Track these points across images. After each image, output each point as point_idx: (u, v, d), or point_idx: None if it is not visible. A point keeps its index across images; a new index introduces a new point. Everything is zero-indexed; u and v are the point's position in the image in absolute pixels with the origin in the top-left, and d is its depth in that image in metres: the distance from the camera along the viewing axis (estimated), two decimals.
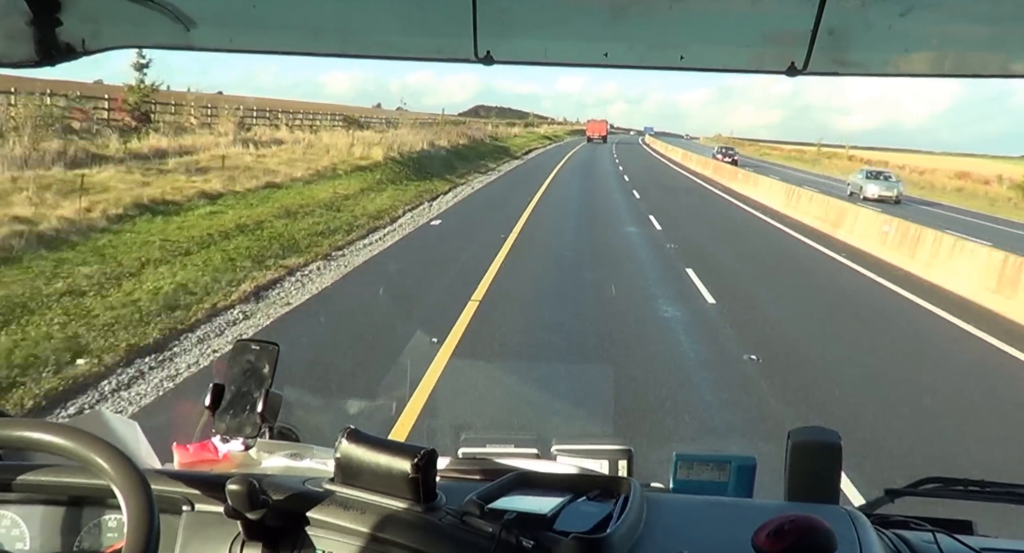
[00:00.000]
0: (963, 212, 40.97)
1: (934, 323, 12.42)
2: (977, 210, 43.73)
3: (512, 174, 39.13)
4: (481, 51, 1.30)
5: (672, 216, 23.44)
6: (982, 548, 1.54)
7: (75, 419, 1.64)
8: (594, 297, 12.08)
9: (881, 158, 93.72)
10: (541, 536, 1.31)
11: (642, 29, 1.29)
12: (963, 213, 40.19)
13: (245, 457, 1.77)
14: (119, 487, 1.22)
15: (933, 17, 1.23)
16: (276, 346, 1.77)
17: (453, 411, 6.84)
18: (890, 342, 11.04)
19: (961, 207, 45.13)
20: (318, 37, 1.36)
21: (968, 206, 46.30)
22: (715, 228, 22.53)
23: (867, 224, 20.46)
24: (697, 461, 1.84)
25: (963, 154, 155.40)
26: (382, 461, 1.38)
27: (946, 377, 9.46)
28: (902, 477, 2.03)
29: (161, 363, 8.02)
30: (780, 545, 1.33)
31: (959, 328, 12.06)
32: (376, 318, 10.12)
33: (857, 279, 15.80)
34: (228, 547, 1.42)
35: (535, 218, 20.66)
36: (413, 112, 76.30)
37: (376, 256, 14.49)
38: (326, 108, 64.06)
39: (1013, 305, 13.10)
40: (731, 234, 21.31)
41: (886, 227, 19.06)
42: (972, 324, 12.24)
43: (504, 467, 1.68)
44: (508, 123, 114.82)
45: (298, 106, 54.47)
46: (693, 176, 46.77)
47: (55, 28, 1.33)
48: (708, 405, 7.50)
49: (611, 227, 20.68)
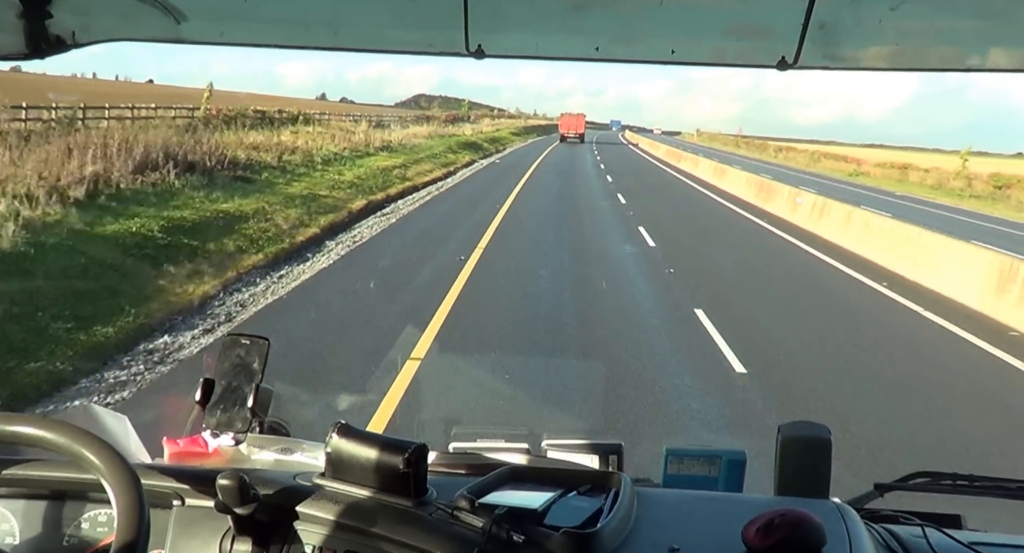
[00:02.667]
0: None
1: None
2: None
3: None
4: (472, 45, 1.30)
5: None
6: (970, 542, 1.54)
7: (64, 413, 1.63)
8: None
9: (840, 152, 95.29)
10: (532, 531, 1.31)
11: (633, 23, 1.29)
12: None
13: (235, 452, 1.77)
14: (109, 482, 1.22)
15: (923, 12, 1.23)
16: (267, 341, 1.77)
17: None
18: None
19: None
20: (309, 30, 1.35)
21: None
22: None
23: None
24: (687, 456, 1.84)
25: (921, 149, 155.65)
26: (373, 456, 1.38)
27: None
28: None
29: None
30: (770, 539, 1.34)
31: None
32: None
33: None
34: (218, 541, 1.42)
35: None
36: (359, 105, 69.68)
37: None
38: (271, 102, 49.60)
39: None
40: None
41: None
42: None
43: (495, 462, 1.68)
44: (418, 118, 67.94)
45: (232, 99, 41.02)
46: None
47: (45, 21, 1.33)
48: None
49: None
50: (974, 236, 22.49)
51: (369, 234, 16.82)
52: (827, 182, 51.38)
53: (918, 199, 45.82)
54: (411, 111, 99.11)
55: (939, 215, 34.29)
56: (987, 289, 13.03)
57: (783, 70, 1.28)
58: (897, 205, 37.22)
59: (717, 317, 10.67)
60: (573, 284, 12.66)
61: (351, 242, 15.67)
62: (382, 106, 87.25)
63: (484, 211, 20.74)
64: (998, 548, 1.54)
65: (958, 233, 21.33)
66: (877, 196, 43.04)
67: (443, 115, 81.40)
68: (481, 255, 14.42)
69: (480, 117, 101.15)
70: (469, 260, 13.76)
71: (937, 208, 40.02)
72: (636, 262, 15.30)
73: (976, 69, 1.27)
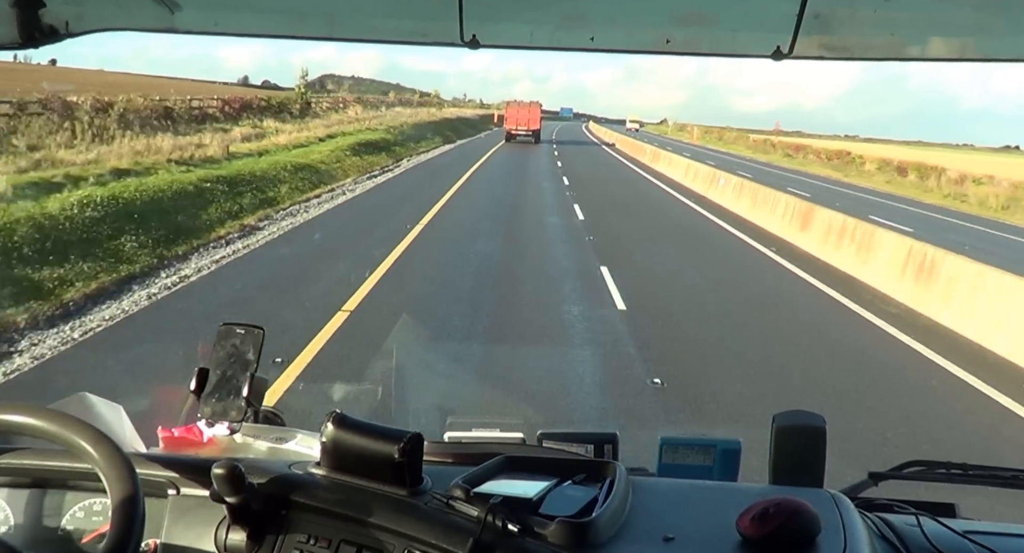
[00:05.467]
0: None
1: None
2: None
3: None
4: (467, 35, 1.29)
5: None
6: (965, 531, 1.55)
7: (60, 403, 1.63)
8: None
9: (787, 142, 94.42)
10: (527, 520, 1.32)
11: (628, 13, 1.28)
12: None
13: (230, 441, 1.77)
14: (104, 471, 1.22)
15: (918, 2, 1.23)
16: (261, 330, 1.77)
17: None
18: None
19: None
20: (304, 20, 1.35)
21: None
22: None
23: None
24: (682, 445, 1.85)
25: (862, 139, 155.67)
26: (368, 446, 1.38)
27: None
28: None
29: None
30: (765, 528, 1.34)
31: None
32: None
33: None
34: (213, 531, 1.42)
35: None
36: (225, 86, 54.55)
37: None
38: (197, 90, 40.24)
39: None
40: None
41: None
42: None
43: (490, 451, 1.68)
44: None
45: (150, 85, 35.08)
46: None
47: (39, 10, 1.32)
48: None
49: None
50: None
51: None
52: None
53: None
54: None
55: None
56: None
57: (778, 60, 1.28)
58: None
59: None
60: None
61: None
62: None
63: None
64: (992, 536, 1.55)
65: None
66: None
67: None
68: None
69: (348, 104, 58.20)
70: None
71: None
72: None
73: (971, 59, 1.27)
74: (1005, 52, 1.26)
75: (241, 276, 11.57)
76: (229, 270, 11.90)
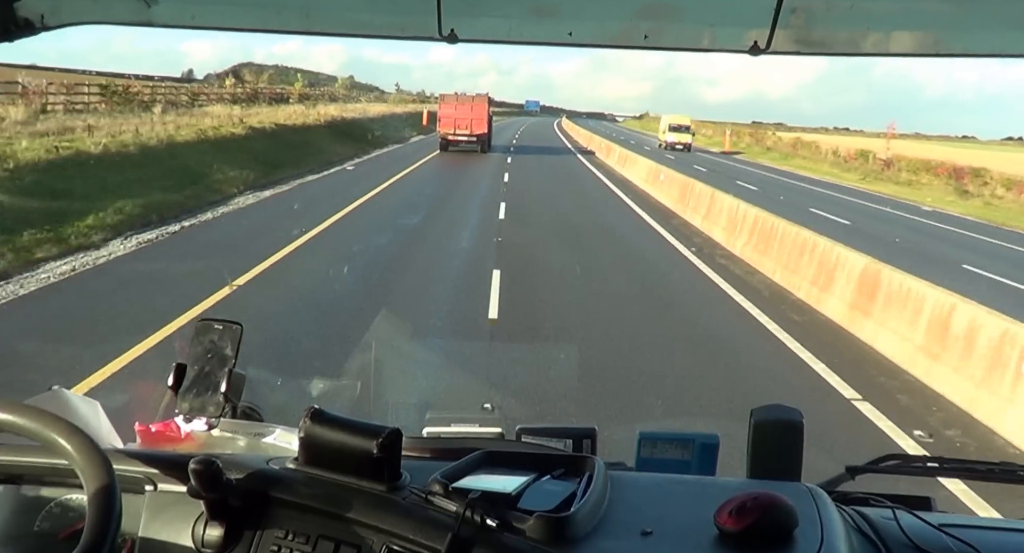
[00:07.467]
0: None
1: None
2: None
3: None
4: (445, 29, 1.29)
5: None
6: (940, 524, 1.57)
7: (35, 398, 1.61)
8: None
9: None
10: (506, 514, 1.32)
11: (606, 8, 1.28)
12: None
13: (208, 437, 1.76)
14: (80, 467, 1.21)
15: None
16: (239, 326, 1.76)
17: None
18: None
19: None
20: (281, 14, 1.34)
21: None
22: None
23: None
24: (661, 439, 1.85)
25: (829, 130, 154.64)
26: (346, 441, 1.38)
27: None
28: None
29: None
30: (742, 522, 1.35)
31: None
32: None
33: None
34: (191, 527, 1.41)
35: None
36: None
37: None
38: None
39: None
40: None
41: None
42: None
43: (469, 446, 1.68)
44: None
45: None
46: None
47: (13, 3, 1.30)
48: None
49: None
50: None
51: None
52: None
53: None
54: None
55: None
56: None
57: (756, 55, 1.28)
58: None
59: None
60: None
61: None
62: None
63: None
64: (967, 529, 1.57)
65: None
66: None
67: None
68: None
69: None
70: None
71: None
72: None
73: (948, 54, 1.28)
74: (981, 47, 1.27)
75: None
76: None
